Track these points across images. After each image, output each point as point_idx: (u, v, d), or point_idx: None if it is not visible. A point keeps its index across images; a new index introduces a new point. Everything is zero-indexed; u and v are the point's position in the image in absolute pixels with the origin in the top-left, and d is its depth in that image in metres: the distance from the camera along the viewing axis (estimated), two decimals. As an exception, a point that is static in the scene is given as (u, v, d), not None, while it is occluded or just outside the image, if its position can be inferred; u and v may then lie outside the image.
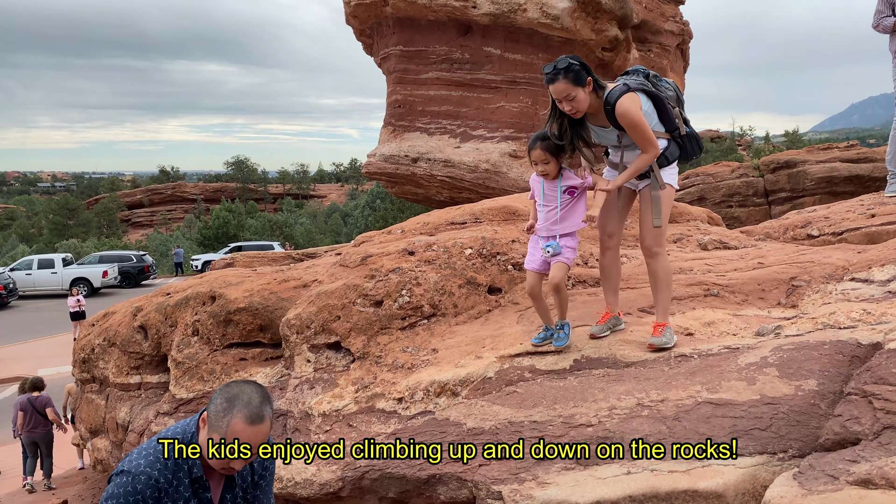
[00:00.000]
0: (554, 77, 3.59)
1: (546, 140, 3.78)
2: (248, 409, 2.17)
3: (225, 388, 2.25)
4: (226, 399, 2.20)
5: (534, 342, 4.03)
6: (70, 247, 47.85)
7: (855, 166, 27.42)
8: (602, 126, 3.81)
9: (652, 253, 3.87)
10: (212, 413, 2.20)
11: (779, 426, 3.07)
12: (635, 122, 3.61)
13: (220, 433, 2.16)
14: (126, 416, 5.99)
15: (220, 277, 5.87)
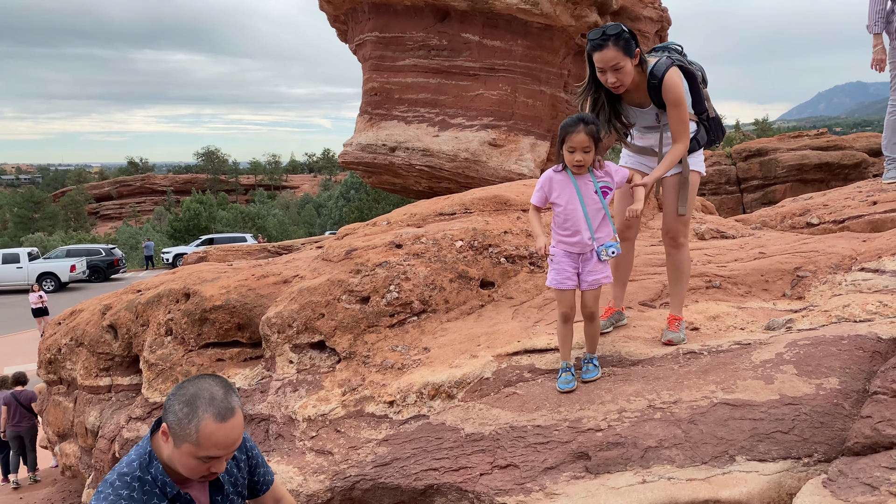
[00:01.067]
0: (602, 43, 3.24)
1: (590, 123, 3.22)
2: (214, 406, 1.90)
3: (178, 390, 1.95)
4: (185, 402, 1.91)
5: (562, 388, 3.42)
6: (36, 241, 46.66)
7: (825, 154, 27.72)
8: (639, 105, 3.51)
9: (677, 243, 3.65)
10: (173, 423, 1.91)
11: (802, 428, 2.88)
12: (680, 100, 3.36)
13: (192, 441, 1.89)
14: (96, 421, 5.65)
15: (195, 273, 5.55)
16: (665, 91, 3.36)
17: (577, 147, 3.23)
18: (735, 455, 2.86)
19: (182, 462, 1.93)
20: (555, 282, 3.43)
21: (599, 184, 3.34)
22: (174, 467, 1.96)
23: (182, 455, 1.91)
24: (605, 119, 3.51)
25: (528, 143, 15.51)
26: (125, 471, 1.97)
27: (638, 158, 3.74)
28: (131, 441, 4.90)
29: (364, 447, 3.67)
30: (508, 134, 15.43)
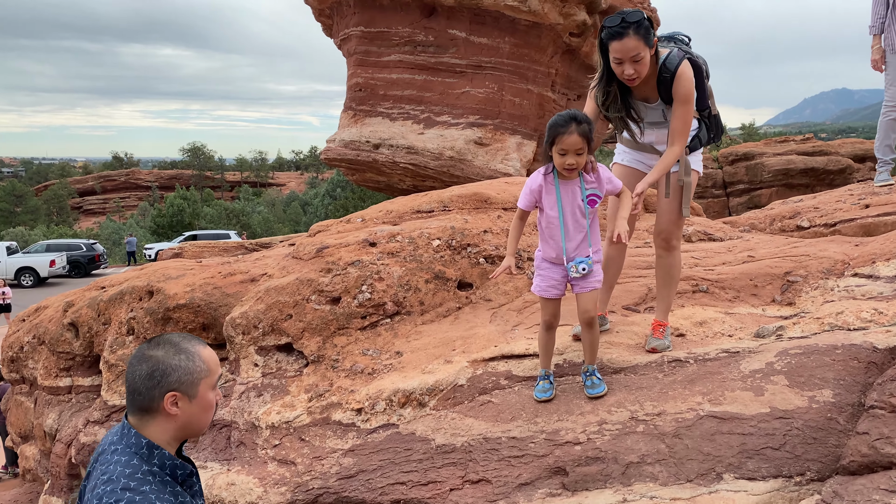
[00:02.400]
0: (622, 31, 2.98)
1: (583, 122, 2.92)
2: (189, 338, 1.83)
3: (150, 361, 1.76)
4: (172, 354, 1.77)
5: (539, 397, 3.22)
6: (17, 234, 45.95)
7: (811, 159, 27.81)
8: (644, 100, 3.29)
9: (670, 246, 3.45)
10: (182, 377, 1.76)
11: (794, 444, 2.69)
12: (690, 98, 3.16)
13: (204, 374, 1.79)
14: (54, 424, 5.39)
15: (160, 270, 5.29)
16: (677, 86, 3.15)
17: (570, 149, 2.93)
18: (722, 473, 2.67)
19: (204, 405, 1.82)
20: (539, 289, 3.22)
21: (588, 191, 3.05)
22: (196, 423, 1.82)
23: (201, 398, 1.80)
24: (616, 114, 3.27)
25: (514, 142, 15.32)
26: (129, 472, 1.73)
27: (635, 155, 3.53)
28: (88, 446, 4.65)
29: (329, 458, 3.44)
30: (495, 133, 15.23)
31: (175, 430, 1.80)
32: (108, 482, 1.71)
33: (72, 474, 4.97)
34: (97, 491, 1.71)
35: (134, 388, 1.77)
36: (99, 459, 1.79)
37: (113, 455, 1.76)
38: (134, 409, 1.78)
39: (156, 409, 1.76)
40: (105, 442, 1.86)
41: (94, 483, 1.75)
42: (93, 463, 1.85)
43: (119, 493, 1.68)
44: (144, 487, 1.70)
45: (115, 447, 1.78)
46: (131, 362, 1.79)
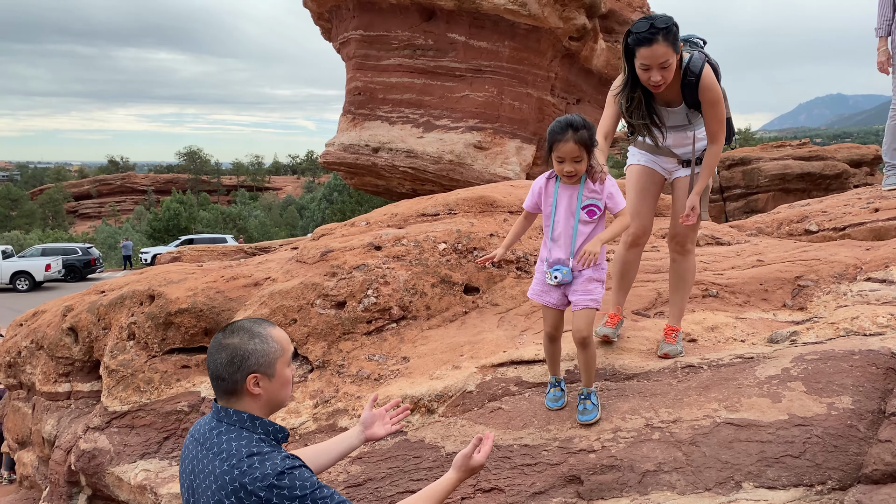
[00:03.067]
0: (651, 37, 2.91)
1: (580, 128, 2.79)
2: (258, 321, 1.97)
3: (230, 350, 1.88)
4: (247, 339, 1.89)
5: (551, 406, 3.16)
6: (12, 238, 45.75)
7: (807, 164, 27.87)
8: (667, 104, 3.21)
9: (685, 250, 3.40)
10: (259, 359, 1.89)
11: (814, 452, 2.63)
12: (719, 98, 3.10)
13: (279, 353, 1.93)
14: (52, 430, 5.30)
15: (161, 274, 5.22)
16: (703, 90, 3.10)
17: (566, 157, 2.83)
18: (741, 481, 2.61)
19: (282, 381, 1.95)
20: (533, 292, 3.10)
21: (586, 201, 2.92)
22: (277, 398, 1.96)
23: (279, 376, 1.93)
24: (640, 120, 3.20)
25: (513, 146, 15.28)
26: (244, 442, 1.84)
27: (651, 157, 3.45)
28: (88, 452, 4.56)
29: (336, 466, 3.38)
30: (494, 136, 15.19)
31: (261, 408, 1.92)
32: (228, 458, 1.81)
33: (71, 481, 4.88)
34: (220, 471, 1.79)
35: (217, 375, 1.89)
36: (205, 445, 1.86)
37: (219, 437, 1.86)
38: (221, 395, 1.91)
39: (241, 392, 1.89)
40: (196, 433, 1.95)
41: (210, 467, 1.82)
42: (192, 457, 1.90)
43: (247, 460, 1.78)
44: (265, 448, 1.82)
45: (217, 430, 1.88)
46: (210, 352, 1.91)
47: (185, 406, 4.41)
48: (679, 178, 3.41)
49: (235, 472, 1.76)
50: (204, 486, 1.83)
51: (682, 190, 3.40)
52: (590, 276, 2.94)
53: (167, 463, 4.21)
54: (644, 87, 3.12)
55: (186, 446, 1.97)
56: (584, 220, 2.91)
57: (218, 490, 1.79)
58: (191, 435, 1.98)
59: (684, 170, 3.40)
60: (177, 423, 4.41)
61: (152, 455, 4.31)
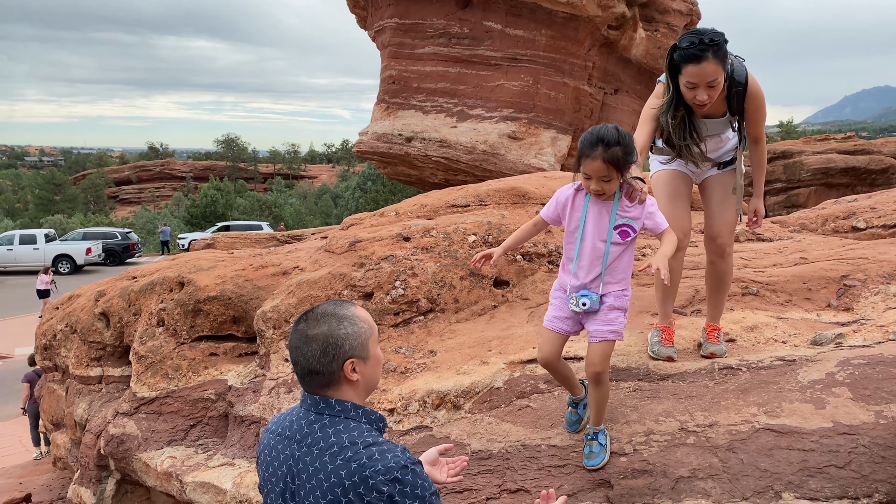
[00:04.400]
0: (700, 54, 2.71)
1: (613, 145, 2.46)
2: (344, 302, 1.82)
3: (304, 343, 1.73)
4: (337, 323, 1.74)
5: (571, 429, 2.95)
6: (55, 222, 46.86)
7: (852, 158, 27.04)
8: (707, 116, 3.04)
9: (725, 252, 3.25)
10: (353, 343, 1.74)
11: (860, 463, 2.49)
12: (764, 102, 2.98)
13: (369, 333, 1.79)
14: (84, 413, 5.36)
15: (191, 261, 5.22)
16: (752, 98, 2.97)
17: (594, 175, 2.52)
18: (781, 491, 2.48)
19: (377, 360, 1.84)
20: (548, 320, 2.80)
21: (619, 220, 2.60)
22: (373, 380, 1.84)
23: (373, 357, 1.81)
24: (682, 141, 3.01)
25: (549, 136, 15.07)
26: (355, 434, 1.70)
27: (680, 162, 3.26)
28: (117, 437, 4.59)
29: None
30: (529, 126, 15.00)
31: (359, 394, 1.80)
32: (341, 451, 1.66)
33: (101, 465, 4.93)
34: (332, 467, 1.64)
35: (310, 370, 1.73)
36: (304, 442, 1.71)
37: (324, 430, 1.71)
38: (316, 389, 1.75)
39: (337, 382, 1.75)
40: (285, 430, 1.78)
41: (318, 465, 1.67)
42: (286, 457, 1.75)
43: (365, 452, 1.64)
44: (379, 439, 1.70)
45: (319, 423, 1.73)
46: (296, 346, 1.75)
47: (212, 394, 4.41)
48: (710, 177, 3.26)
49: (353, 466, 1.62)
50: (310, 486, 1.67)
51: (714, 189, 3.26)
52: (611, 304, 2.63)
53: (193, 451, 4.21)
54: (688, 104, 2.95)
55: (273, 447, 1.79)
56: (617, 241, 2.62)
57: (332, 488, 1.63)
58: (276, 434, 1.81)
59: (715, 170, 3.27)
60: (203, 410, 4.40)
61: (179, 442, 4.32)
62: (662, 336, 3.29)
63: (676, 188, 3.24)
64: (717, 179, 3.23)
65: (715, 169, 3.28)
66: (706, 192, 3.30)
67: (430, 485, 1.65)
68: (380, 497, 1.59)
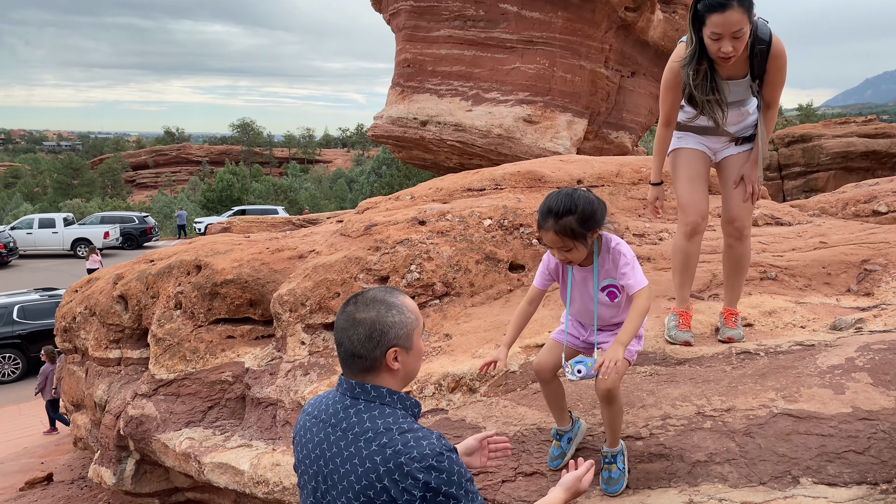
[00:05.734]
0: (726, 2, 2.65)
1: (563, 216, 2.34)
2: (392, 289, 1.81)
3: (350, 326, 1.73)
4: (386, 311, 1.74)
5: (552, 465, 2.77)
6: (74, 206, 47.31)
7: (872, 141, 26.65)
8: (729, 77, 2.98)
9: (742, 235, 3.20)
10: (399, 331, 1.74)
11: (879, 449, 2.47)
12: (786, 64, 2.89)
13: (416, 325, 1.79)
14: (103, 395, 5.43)
15: (208, 245, 5.25)
16: (775, 57, 2.88)
17: (551, 246, 2.43)
18: (799, 476, 2.47)
19: (419, 353, 1.83)
20: (553, 333, 2.76)
21: (604, 282, 2.51)
22: (413, 371, 1.83)
23: (416, 348, 1.81)
24: (705, 96, 2.93)
25: (564, 120, 14.96)
26: (391, 419, 1.69)
27: (699, 139, 3.21)
28: (136, 419, 4.65)
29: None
30: (545, 110, 14.89)
31: (397, 383, 1.78)
32: (376, 437, 1.66)
33: (120, 446, 5.00)
34: (367, 452, 1.64)
35: (353, 353, 1.73)
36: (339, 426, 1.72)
37: (359, 415, 1.71)
38: (355, 373, 1.75)
39: (379, 368, 1.74)
40: (319, 413, 1.79)
41: (352, 449, 1.67)
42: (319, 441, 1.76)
43: (400, 438, 1.63)
44: (414, 425, 1.69)
45: (354, 408, 1.73)
46: (342, 328, 1.75)
47: (229, 376, 4.45)
48: (728, 157, 3.18)
49: (388, 452, 1.61)
50: (344, 470, 1.67)
51: (732, 170, 3.17)
52: None
53: (211, 432, 4.26)
54: (710, 59, 2.89)
55: (308, 429, 1.80)
56: (606, 303, 2.56)
57: (366, 473, 1.63)
58: (311, 417, 1.82)
59: (733, 148, 3.18)
60: (221, 392, 4.45)
61: (197, 424, 4.36)
62: (679, 320, 3.27)
63: (696, 170, 3.18)
64: (737, 160, 3.17)
65: (734, 146, 3.20)
66: (724, 173, 3.23)
67: (465, 471, 1.64)
68: (415, 484, 1.59)
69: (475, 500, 1.66)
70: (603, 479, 2.62)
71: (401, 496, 1.59)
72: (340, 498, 1.67)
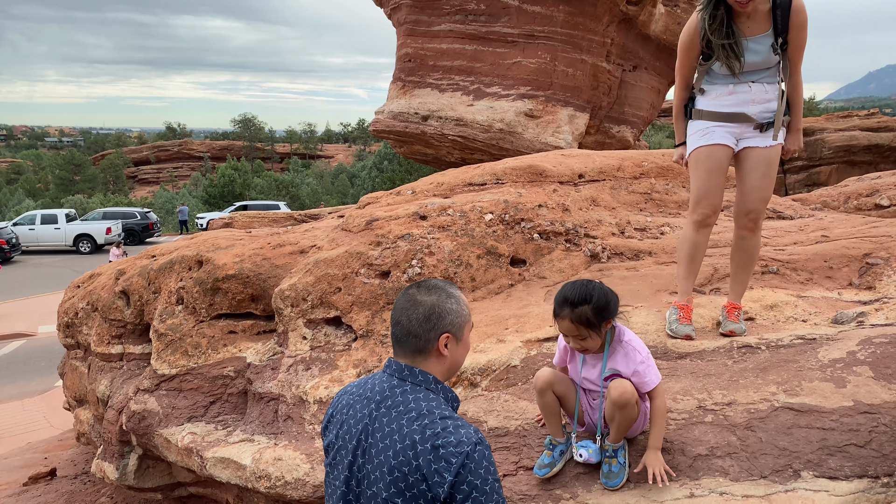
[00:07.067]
0: None
1: (579, 305, 2.40)
2: (448, 283, 1.93)
3: (410, 306, 1.84)
4: (445, 299, 1.86)
5: (538, 473, 2.70)
6: (76, 202, 47.41)
7: (875, 135, 26.59)
8: (753, 32, 2.93)
9: (756, 227, 3.18)
10: (454, 319, 1.86)
11: (881, 442, 2.47)
12: (807, 22, 2.85)
13: (468, 317, 1.93)
14: (106, 390, 5.44)
15: (210, 240, 5.25)
16: (796, 12, 2.85)
17: (567, 334, 2.49)
18: (800, 470, 2.47)
19: (466, 347, 1.94)
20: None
21: (610, 371, 2.55)
22: (458, 363, 1.93)
23: (465, 341, 1.92)
24: (721, 40, 2.91)
25: (566, 114, 14.94)
26: (433, 405, 1.78)
27: (724, 128, 3.13)
28: (138, 414, 4.66)
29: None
30: (546, 104, 14.87)
31: (443, 371, 1.87)
32: (419, 417, 1.73)
33: (123, 441, 5.01)
34: (408, 430, 1.71)
35: (409, 331, 1.82)
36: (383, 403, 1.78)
37: (405, 395, 1.79)
38: (407, 352, 1.84)
39: (429, 351, 1.83)
40: (365, 391, 1.85)
41: (394, 426, 1.73)
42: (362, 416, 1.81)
43: (440, 422, 1.71)
44: (455, 414, 1.77)
45: (400, 388, 1.80)
46: (402, 307, 1.85)
47: (231, 371, 4.45)
48: (750, 148, 3.12)
49: (428, 433, 1.69)
50: (383, 445, 1.74)
51: (754, 162, 3.11)
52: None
53: (213, 427, 4.27)
54: (728, 7, 2.87)
55: (351, 406, 1.86)
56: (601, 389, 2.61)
57: (404, 450, 1.70)
58: (355, 395, 1.88)
59: (757, 138, 3.12)
60: (223, 387, 4.45)
61: (199, 419, 4.37)
62: (680, 314, 3.27)
63: (717, 162, 3.13)
64: (759, 154, 3.10)
65: (758, 134, 3.11)
66: (745, 164, 3.16)
67: (495, 469, 1.70)
68: (447, 467, 1.65)
69: (500, 496, 1.71)
70: (603, 473, 2.62)
71: (432, 477, 1.65)
72: (375, 472, 1.73)
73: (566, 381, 2.70)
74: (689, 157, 3.24)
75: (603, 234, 4.64)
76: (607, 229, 4.73)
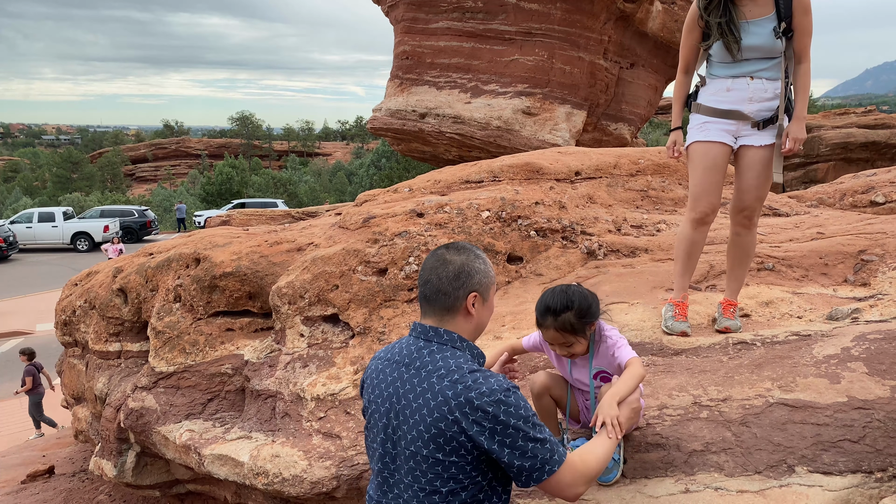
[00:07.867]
0: None
1: (561, 313, 2.39)
2: (475, 247, 2.01)
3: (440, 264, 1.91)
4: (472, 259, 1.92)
5: None
6: (73, 200, 47.34)
7: (872, 132, 26.66)
8: (755, 15, 2.92)
9: (751, 223, 3.19)
10: (482, 279, 1.93)
11: (874, 437, 2.48)
12: (810, 6, 2.84)
13: (494, 279, 2.00)
14: (104, 388, 5.45)
15: (207, 238, 5.26)
16: None
17: (553, 343, 2.49)
18: (794, 465, 2.48)
19: (491, 308, 2.00)
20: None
21: (596, 369, 2.57)
22: (484, 323, 1.98)
23: (490, 303, 1.98)
24: (717, 19, 2.91)
25: (563, 111, 14.95)
26: (461, 361, 1.84)
27: (721, 125, 3.13)
28: (136, 411, 4.67)
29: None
30: (543, 102, 14.88)
31: (469, 331, 1.92)
32: (448, 374, 1.78)
33: (121, 438, 5.02)
34: (439, 387, 1.76)
35: (438, 289, 1.87)
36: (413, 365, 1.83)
37: (432, 355, 1.83)
38: (436, 310, 1.88)
39: (457, 309, 1.88)
40: (394, 356, 1.91)
41: (425, 385, 1.78)
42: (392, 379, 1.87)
43: (470, 376, 1.77)
44: (482, 368, 1.84)
45: (428, 349, 1.85)
46: (431, 266, 1.91)
47: (228, 368, 4.46)
48: (749, 147, 3.12)
49: (459, 388, 1.73)
50: (416, 405, 1.78)
51: (753, 161, 3.11)
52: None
53: (211, 424, 4.28)
54: None
55: (381, 370, 1.92)
56: (600, 386, 2.60)
57: (439, 406, 1.74)
58: (383, 361, 1.94)
59: (756, 136, 3.11)
60: (220, 385, 4.46)
61: (197, 416, 4.38)
62: (676, 311, 3.28)
63: (714, 161, 3.13)
64: (759, 154, 3.10)
65: (756, 132, 3.10)
66: (743, 162, 3.16)
67: (530, 407, 1.76)
68: (485, 416, 1.70)
69: (542, 431, 1.77)
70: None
71: (471, 427, 1.71)
72: (412, 431, 1.77)
73: (562, 383, 2.71)
74: (687, 151, 3.25)
75: (599, 231, 4.66)
76: (604, 226, 4.74)
